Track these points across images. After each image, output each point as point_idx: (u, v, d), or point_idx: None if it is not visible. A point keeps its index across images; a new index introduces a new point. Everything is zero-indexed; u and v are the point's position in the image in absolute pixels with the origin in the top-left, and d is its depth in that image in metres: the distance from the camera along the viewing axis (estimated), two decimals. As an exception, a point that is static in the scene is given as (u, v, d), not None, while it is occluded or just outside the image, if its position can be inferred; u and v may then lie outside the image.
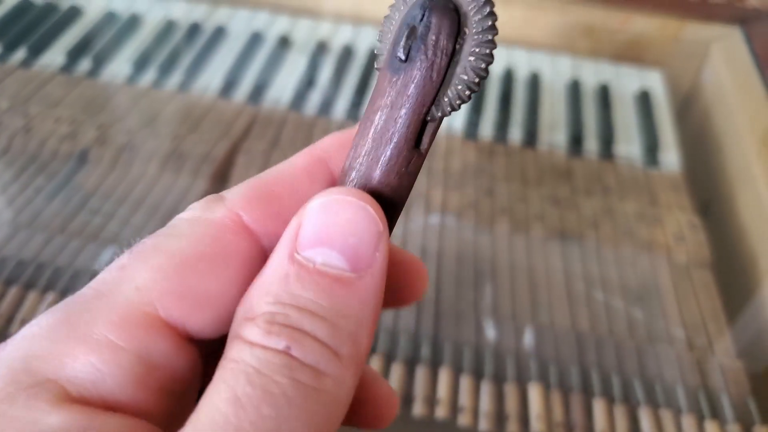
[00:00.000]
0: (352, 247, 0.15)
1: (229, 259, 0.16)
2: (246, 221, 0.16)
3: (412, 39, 0.15)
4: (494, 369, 0.40)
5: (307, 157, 0.18)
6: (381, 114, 0.16)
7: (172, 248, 0.15)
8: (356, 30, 0.65)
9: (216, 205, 0.16)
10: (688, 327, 0.43)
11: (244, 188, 0.17)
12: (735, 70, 0.58)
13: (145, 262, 0.15)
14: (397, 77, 0.15)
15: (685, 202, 0.50)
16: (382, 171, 0.16)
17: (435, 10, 0.15)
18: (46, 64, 0.58)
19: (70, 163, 0.49)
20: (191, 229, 0.16)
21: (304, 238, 0.15)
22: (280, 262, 0.15)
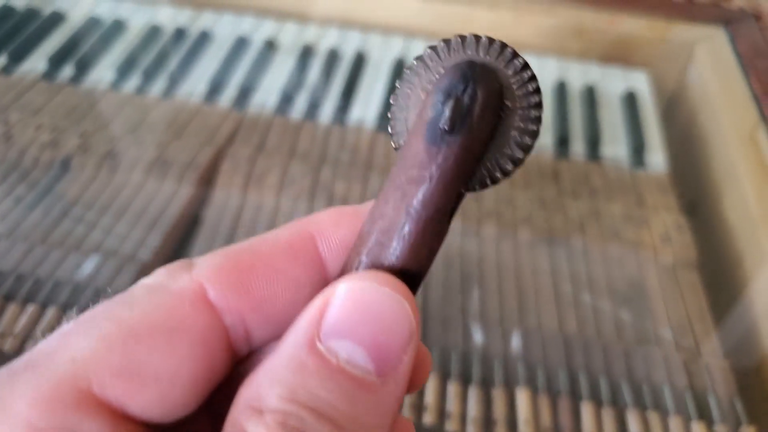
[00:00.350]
0: (381, 346, 0.13)
1: (183, 334, 0.14)
2: (210, 294, 0.15)
3: (457, 110, 0.15)
4: (481, 374, 0.40)
5: (294, 232, 0.17)
6: (417, 186, 0.15)
7: (121, 317, 0.14)
8: (342, 33, 0.65)
9: (181, 273, 0.15)
10: (675, 328, 0.43)
11: (218, 258, 0.16)
12: (719, 71, 0.58)
13: (88, 331, 0.14)
14: (438, 149, 0.15)
15: (671, 202, 0.51)
16: (414, 247, 0.15)
17: (481, 83, 0.15)
18: (28, 71, 0.57)
19: (52, 171, 0.49)
20: (148, 297, 0.15)
21: (330, 326, 0.13)
22: (299, 347, 0.13)
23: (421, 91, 0.16)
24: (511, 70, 0.15)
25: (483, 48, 0.16)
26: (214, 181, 0.49)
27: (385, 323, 0.14)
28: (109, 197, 0.47)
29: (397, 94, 0.16)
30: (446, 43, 0.16)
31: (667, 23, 0.62)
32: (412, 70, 0.16)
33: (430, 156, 0.15)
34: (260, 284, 0.16)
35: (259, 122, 0.54)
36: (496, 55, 0.16)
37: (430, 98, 0.15)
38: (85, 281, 0.42)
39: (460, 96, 0.15)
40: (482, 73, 0.15)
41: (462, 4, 0.65)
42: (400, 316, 0.14)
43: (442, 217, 0.15)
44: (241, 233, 0.46)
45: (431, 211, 0.15)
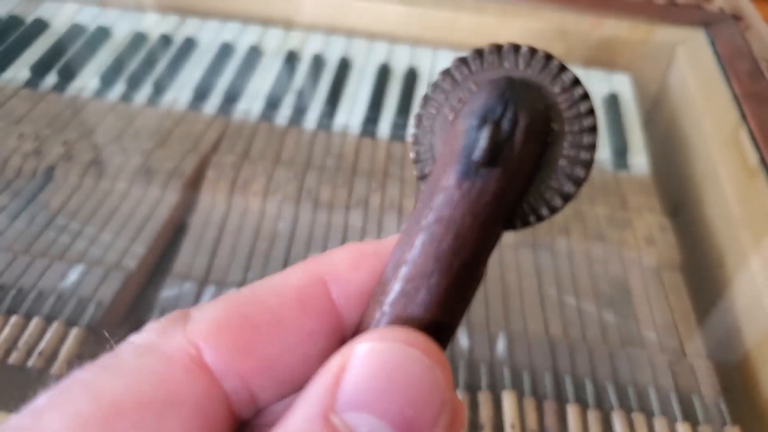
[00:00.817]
0: (408, 421, 0.11)
1: (175, 406, 0.12)
2: (206, 357, 0.13)
3: (495, 138, 0.12)
4: (468, 378, 0.40)
5: (304, 275, 0.14)
6: (448, 228, 0.13)
7: (102, 388, 0.12)
8: (327, 39, 0.65)
9: (175, 330, 0.13)
10: (659, 329, 0.43)
11: (217, 310, 0.14)
12: (700, 73, 0.59)
13: (64, 407, 0.12)
14: (472, 184, 0.12)
15: (654, 204, 0.51)
16: (445, 298, 0.13)
17: (521, 104, 0.13)
18: (10, 79, 0.57)
19: (36, 180, 0.48)
20: (135, 361, 0.13)
21: (347, 395, 0.12)
22: (312, 419, 0.12)
23: (449, 111, 0.14)
24: (558, 87, 0.13)
25: (523, 60, 0.13)
26: (200, 187, 0.49)
27: (413, 393, 0.12)
28: (94, 206, 0.47)
29: (420, 115, 0.14)
30: (478, 54, 0.14)
31: (648, 25, 0.63)
32: (437, 87, 0.14)
33: (463, 192, 0.13)
34: (266, 343, 0.14)
35: (244, 128, 0.54)
36: (540, 68, 0.13)
37: (462, 122, 0.13)
38: (69, 291, 0.41)
39: (498, 121, 0.13)
40: (524, 92, 0.13)
41: (446, 8, 0.65)
42: (431, 384, 0.12)
43: (477, 263, 0.13)
44: (227, 240, 0.46)
45: (464, 256, 0.13)
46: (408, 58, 0.64)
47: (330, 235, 0.47)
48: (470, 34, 0.66)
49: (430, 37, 0.66)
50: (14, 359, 0.38)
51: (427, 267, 0.13)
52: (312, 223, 0.47)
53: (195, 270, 0.44)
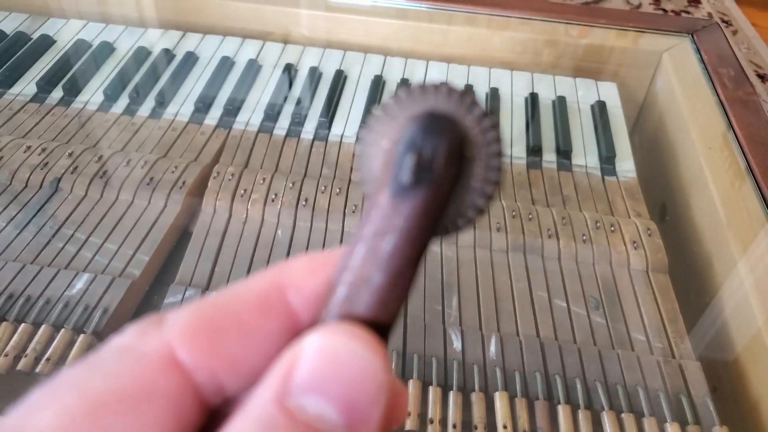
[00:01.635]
0: (350, 401, 0.13)
1: (152, 399, 0.14)
2: (180, 355, 0.15)
3: (419, 163, 0.15)
4: (461, 379, 0.41)
5: (265, 283, 0.16)
6: (384, 239, 0.15)
7: (87, 386, 0.14)
8: (324, 52, 0.67)
9: (151, 332, 0.15)
10: (648, 330, 0.44)
11: (187, 314, 0.15)
12: (686, 79, 0.60)
13: (52, 403, 0.13)
14: (402, 202, 0.15)
15: (641, 208, 0.52)
16: (383, 298, 0.15)
17: (441, 134, 0.15)
18: (17, 94, 0.59)
19: (42, 191, 0.50)
20: (117, 360, 0.14)
21: (298, 381, 0.13)
22: (267, 404, 0.13)
23: (386, 141, 0.16)
24: (471, 118, 0.15)
25: (443, 96, 0.16)
26: (202, 197, 0.50)
27: (354, 378, 0.13)
28: (99, 216, 0.48)
29: (362, 144, 0.16)
30: (408, 92, 0.16)
31: (635, 33, 0.64)
32: (376, 119, 0.16)
33: (395, 209, 0.15)
34: (231, 342, 0.15)
35: (244, 139, 0.56)
36: (457, 103, 0.15)
37: (393, 151, 0.15)
38: (76, 299, 0.42)
39: (421, 149, 0.15)
40: (442, 124, 0.15)
41: (438, 21, 0.66)
42: (370, 369, 0.14)
43: (410, 268, 0.15)
44: (228, 248, 0.47)
45: (398, 263, 0.15)
46: (401, 69, 0.65)
47: (327, 241, 0.48)
48: (461, 46, 0.67)
49: (422, 49, 0.68)
50: (23, 365, 0.38)
51: (367, 272, 0.15)
52: (310, 230, 0.49)
53: (197, 277, 0.45)
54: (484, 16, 0.65)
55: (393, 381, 0.15)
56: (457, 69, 0.66)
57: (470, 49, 0.67)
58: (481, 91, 0.64)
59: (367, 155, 0.16)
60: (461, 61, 0.67)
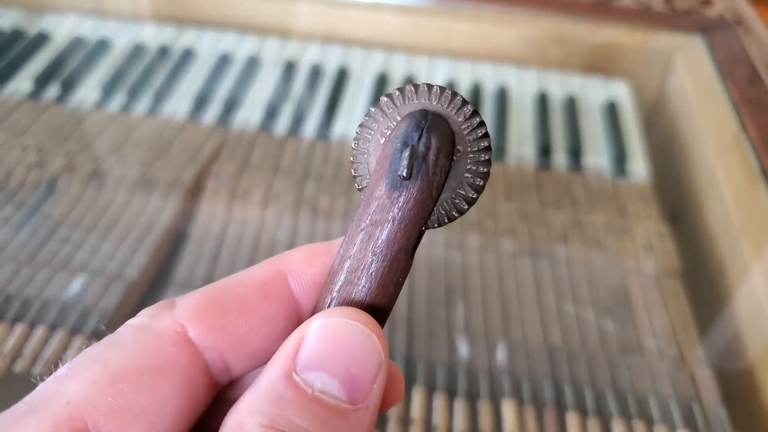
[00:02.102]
0: (352, 377, 0.15)
1: (167, 372, 0.15)
2: (190, 334, 0.16)
3: (414, 158, 0.16)
4: (467, 387, 0.40)
5: (266, 270, 0.18)
6: (382, 228, 0.16)
7: (109, 360, 0.15)
8: (324, 49, 0.66)
9: (163, 314, 0.16)
10: (658, 337, 0.43)
11: (196, 298, 0.17)
12: (698, 79, 0.59)
13: (80, 375, 0.15)
14: (398, 193, 0.16)
15: (653, 211, 0.51)
16: (381, 283, 0.16)
17: (434, 131, 0.16)
18: (13, 92, 0.58)
19: (39, 191, 0.49)
20: (133, 338, 0.16)
21: (304, 359, 0.15)
22: (277, 379, 0.15)
23: (380, 137, 0.17)
24: (462, 116, 0.17)
25: (435, 96, 0.17)
26: (200, 197, 0.49)
27: (356, 356, 0.15)
28: (96, 216, 0.47)
29: (357, 139, 0.18)
30: (401, 92, 0.17)
31: (646, 31, 0.63)
32: (370, 117, 0.17)
33: (392, 200, 0.16)
34: (236, 323, 0.17)
35: (243, 138, 0.55)
36: (447, 102, 0.17)
37: (389, 146, 0.17)
38: (72, 300, 0.42)
39: (415, 144, 0.16)
40: (435, 121, 0.16)
41: (443, 17, 0.65)
42: (369, 348, 0.15)
43: (405, 255, 0.16)
44: (227, 249, 0.46)
45: (395, 250, 0.16)
46: (405, 66, 0.64)
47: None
48: (467, 42, 0.66)
49: (426, 45, 0.67)
50: (20, 367, 0.38)
51: (366, 260, 0.16)
52: (311, 232, 0.48)
53: (195, 279, 0.44)
54: (490, 12, 0.64)
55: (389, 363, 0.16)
56: (462, 65, 0.65)
57: (476, 46, 0.66)
58: (487, 88, 0.63)
59: (362, 151, 0.18)
60: (467, 58, 0.66)
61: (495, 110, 0.60)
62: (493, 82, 0.63)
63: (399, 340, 0.42)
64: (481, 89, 0.62)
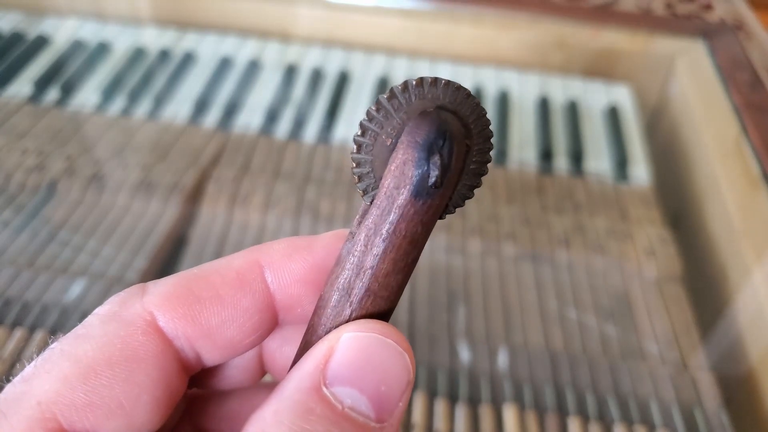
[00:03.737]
0: (381, 395, 0.14)
1: (139, 362, 0.15)
2: (160, 322, 0.16)
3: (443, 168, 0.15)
4: (469, 391, 0.40)
5: (244, 260, 0.17)
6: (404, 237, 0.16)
7: (78, 354, 0.15)
8: (325, 52, 0.66)
9: (133, 301, 0.16)
10: (660, 341, 0.43)
11: (168, 285, 0.16)
12: (700, 84, 0.59)
13: (49, 372, 0.14)
14: (424, 201, 0.15)
15: (655, 216, 0.51)
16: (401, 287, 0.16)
17: (454, 134, 0.15)
18: (13, 95, 0.58)
19: (38, 195, 0.49)
20: (102, 329, 0.15)
21: (336, 372, 0.14)
22: (305, 391, 0.14)
23: (385, 137, 0.16)
24: (468, 110, 0.16)
25: (442, 90, 0.16)
26: (200, 201, 0.49)
27: (388, 374, 0.14)
28: (96, 220, 0.47)
29: (360, 143, 0.17)
30: (405, 88, 0.16)
31: (647, 36, 0.63)
32: (372, 117, 0.16)
33: (417, 209, 0.16)
34: (208, 313, 0.16)
35: (243, 142, 0.55)
36: (455, 97, 0.16)
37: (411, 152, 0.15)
38: (72, 304, 0.42)
39: (441, 151, 0.15)
40: (452, 121, 0.16)
41: (444, 20, 0.65)
42: (400, 367, 0.15)
43: (418, 257, 0.16)
44: (228, 253, 0.46)
45: (414, 256, 0.16)
46: (406, 70, 0.64)
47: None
48: (468, 46, 0.66)
49: (428, 49, 0.67)
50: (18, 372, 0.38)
51: (389, 268, 0.16)
52: (312, 236, 0.47)
53: (196, 284, 0.44)
54: (492, 16, 0.64)
55: None
56: (463, 69, 0.65)
57: (478, 49, 0.66)
58: (489, 92, 0.63)
59: (366, 153, 0.17)
60: (468, 62, 0.66)
61: (496, 114, 0.60)
62: (495, 86, 0.63)
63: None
64: (483, 93, 0.62)
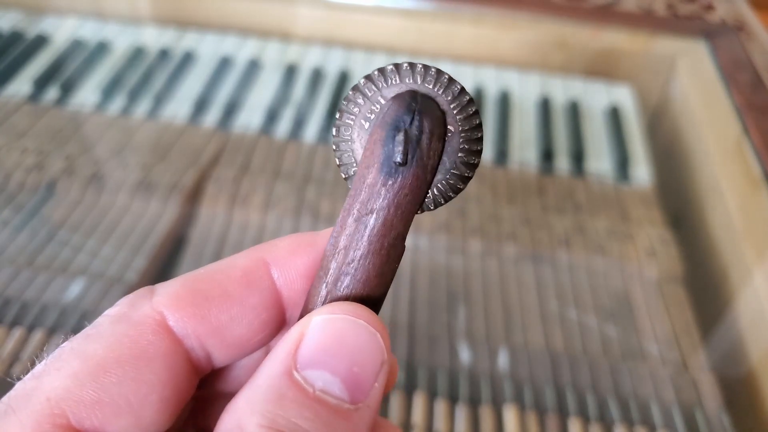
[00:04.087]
0: (354, 376, 0.14)
1: (148, 361, 0.15)
2: (169, 322, 0.16)
3: (408, 143, 0.15)
4: (469, 392, 0.40)
5: (249, 258, 0.17)
6: (377, 217, 0.16)
7: (88, 352, 0.15)
8: (326, 52, 0.66)
9: (142, 302, 0.16)
10: (661, 342, 0.43)
11: (176, 285, 0.16)
12: (701, 84, 0.59)
13: (59, 370, 0.15)
14: (393, 180, 0.16)
15: (656, 216, 0.51)
16: (378, 272, 0.16)
17: (426, 113, 0.15)
18: (12, 94, 0.57)
19: (38, 194, 0.49)
20: (111, 329, 0.15)
21: (306, 357, 0.14)
22: (277, 376, 0.14)
23: (363, 121, 0.17)
24: (450, 95, 0.16)
25: (420, 75, 0.16)
26: (200, 201, 0.49)
27: (359, 355, 0.14)
28: (95, 219, 0.47)
29: (338, 126, 0.17)
30: (381, 72, 0.16)
31: (649, 36, 0.63)
32: (350, 101, 0.17)
33: (387, 188, 0.16)
34: (217, 312, 0.16)
35: (243, 142, 0.55)
36: (434, 82, 0.16)
37: (379, 132, 0.16)
38: (71, 304, 0.42)
39: (408, 128, 0.15)
40: (425, 103, 0.16)
41: (444, 20, 0.65)
42: (373, 347, 0.15)
43: (401, 241, 0.16)
44: (227, 253, 0.46)
45: (391, 237, 0.16)
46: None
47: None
48: (469, 46, 0.66)
49: (428, 49, 0.67)
50: (18, 372, 0.38)
51: (362, 250, 0.16)
52: (312, 236, 0.47)
53: (195, 284, 0.44)
54: (492, 16, 0.64)
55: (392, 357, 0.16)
56: (464, 69, 0.65)
57: (478, 49, 0.66)
58: (490, 92, 0.62)
59: (344, 138, 0.17)
60: (469, 62, 0.66)
61: (497, 114, 0.60)
62: (496, 86, 0.63)
63: (400, 346, 0.42)
64: (484, 93, 0.62)
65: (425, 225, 0.49)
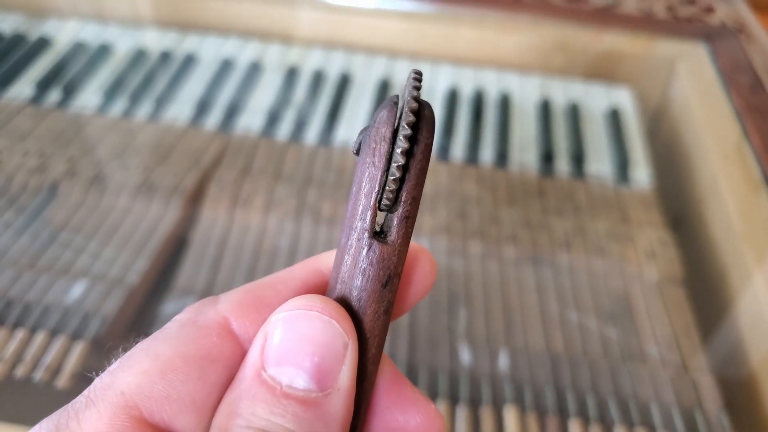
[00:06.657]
0: (317, 365, 0.15)
1: (212, 362, 0.16)
2: (233, 326, 0.17)
3: (358, 136, 0.17)
4: (469, 393, 0.40)
5: (306, 267, 0.18)
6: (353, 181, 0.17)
7: (157, 351, 0.16)
8: (327, 54, 0.66)
9: (207, 309, 0.17)
10: (660, 344, 0.43)
11: (238, 293, 0.17)
12: (701, 86, 0.59)
13: (131, 367, 0.16)
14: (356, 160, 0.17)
15: (655, 218, 0.51)
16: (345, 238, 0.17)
17: (377, 123, 0.17)
18: (15, 96, 0.58)
19: (40, 196, 0.49)
20: (178, 331, 0.16)
21: (269, 356, 0.15)
22: (248, 379, 0.15)
23: None
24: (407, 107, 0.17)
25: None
26: (201, 203, 0.49)
27: (318, 344, 0.15)
28: (97, 221, 0.47)
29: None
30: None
31: (649, 38, 0.63)
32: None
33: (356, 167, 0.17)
34: None
35: (245, 144, 0.55)
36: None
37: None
38: (74, 305, 0.42)
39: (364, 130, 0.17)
40: (380, 114, 0.17)
41: (445, 23, 0.66)
42: (330, 333, 0.15)
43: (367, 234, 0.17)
44: (229, 255, 0.46)
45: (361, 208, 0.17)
46: (408, 72, 0.64)
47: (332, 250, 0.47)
48: (469, 49, 0.66)
49: (429, 51, 0.67)
50: (20, 372, 0.38)
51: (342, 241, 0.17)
52: (313, 238, 0.48)
53: (197, 285, 0.44)
54: (493, 19, 0.64)
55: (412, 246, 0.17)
56: (465, 72, 0.65)
57: (479, 52, 0.66)
58: (490, 94, 0.63)
59: None
60: (470, 64, 0.66)
61: (498, 117, 0.60)
62: (496, 89, 0.63)
63: (401, 347, 0.42)
64: (484, 95, 0.62)
65: (425, 227, 0.49)
